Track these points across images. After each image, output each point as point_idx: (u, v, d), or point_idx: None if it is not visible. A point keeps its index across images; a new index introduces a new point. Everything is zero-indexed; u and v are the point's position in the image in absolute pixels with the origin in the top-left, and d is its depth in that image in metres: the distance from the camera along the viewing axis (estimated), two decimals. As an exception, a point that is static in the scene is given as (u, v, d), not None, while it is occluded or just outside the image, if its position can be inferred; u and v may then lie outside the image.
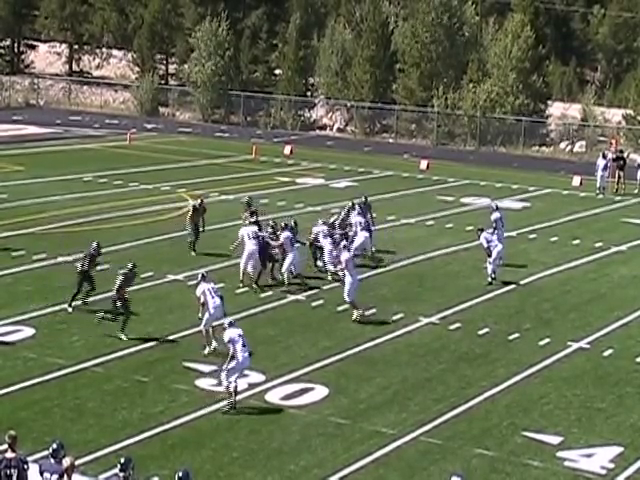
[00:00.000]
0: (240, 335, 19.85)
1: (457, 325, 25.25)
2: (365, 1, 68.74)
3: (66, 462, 14.03)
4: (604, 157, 45.28)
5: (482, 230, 29.47)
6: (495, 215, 31.55)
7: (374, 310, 25.87)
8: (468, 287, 28.49)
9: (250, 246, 27.68)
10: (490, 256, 28.85)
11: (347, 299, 25.42)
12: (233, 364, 19.68)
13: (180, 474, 13.95)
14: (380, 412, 19.82)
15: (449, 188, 44.97)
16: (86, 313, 24.80)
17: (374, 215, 32.78)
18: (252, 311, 25.52)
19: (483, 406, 20.40)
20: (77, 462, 16.06)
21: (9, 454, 14.19)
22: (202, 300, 22.81)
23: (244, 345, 19.77)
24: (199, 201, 31.33)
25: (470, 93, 60.58)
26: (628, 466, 18.03)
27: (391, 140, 62.24)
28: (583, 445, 18.73)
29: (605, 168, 44.73)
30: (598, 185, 44.73)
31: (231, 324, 20.32)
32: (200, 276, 23.30)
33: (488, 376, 21.96)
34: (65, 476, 13.95)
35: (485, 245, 28.99)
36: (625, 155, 46.98)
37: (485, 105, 59.99)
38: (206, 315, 22.68)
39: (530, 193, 44.71)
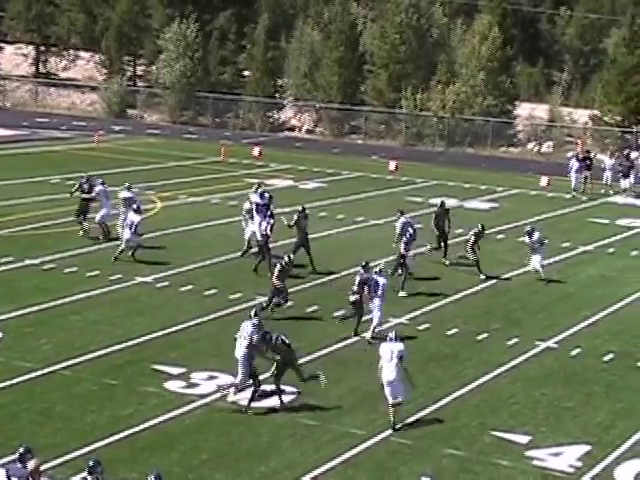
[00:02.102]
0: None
1: (426, 325, 25.32)
2: (333, 2, 68.82)
3: (30, 465, 13.95)
4: (577, 159, 45.52)
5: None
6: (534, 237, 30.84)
7: (344, 311, 25.86)
8: (437, 288, 28.57)
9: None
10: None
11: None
12: None
13: (152, 477, 13.92)
14: (350, 413, 19.85)
15: (418, 189, 45.09)
16: (54, 316, 24.69)
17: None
18: (220, 313, 25.47)
19: (452, 406, 20.48)
20: (45, 466, 16.03)
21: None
22: None
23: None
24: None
25: (439, 94, 60.78)
26: (596, 464, 18.17)
27: (360, 141, 62.33)
28: (551, 444, 18.84)
29: (579, 170, 44.96)
30: (573, 186, 44.93)
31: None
32: None
33: (457, 376, 22.04)
34: (30, 479, 13.88)
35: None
36: (592, 155, 47.27)
37: (454, 106, 60.20)
38: None
39: (498, 193, 44.91)
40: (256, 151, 52.64)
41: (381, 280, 24.07)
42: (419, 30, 64.24)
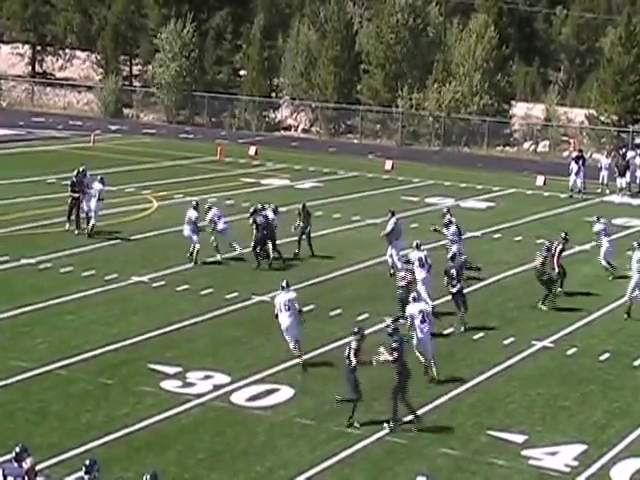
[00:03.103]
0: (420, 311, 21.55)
1: (422, 325, 25.26)
2: (329, 2, 68.80)
3: (26, 464, 13.94)
4: (577, 161, 45.49)
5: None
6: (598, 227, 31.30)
7: (339, 310, 25.89)
8: (432, 287, 28.51)
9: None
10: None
11: None
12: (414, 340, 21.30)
13: (148, 476, 13.90)
14: (346, 413, 19.79)
15: (414, 188, 45.10)
16: (50, 316, 24.68)
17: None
18: (217, 312, 25.46)
19: (448, 405, 20.48)
20: (41, 465, 16.04)
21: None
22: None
23: (423, 320, 21.50)
24: None
25: (435, 93, 60.78)
26: (591, 464, 18.16)
27: (356, 141, 62.32)
28: (547, 443, 18.84)
29: (578, 172, 44.96)
30: (570, 186, 44.97)
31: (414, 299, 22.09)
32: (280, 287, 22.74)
33: (453, 375, 22.03)
34: (26, 478, 13.86)
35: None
36: (585, 155, 47.31)
37: (450, 105, 60.21)
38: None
39: (494, 193, 44.93)
40: (252, 150, 52.63)
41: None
42: (415, 29, 64.24)
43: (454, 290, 25.03)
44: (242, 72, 69.69)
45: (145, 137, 57.70)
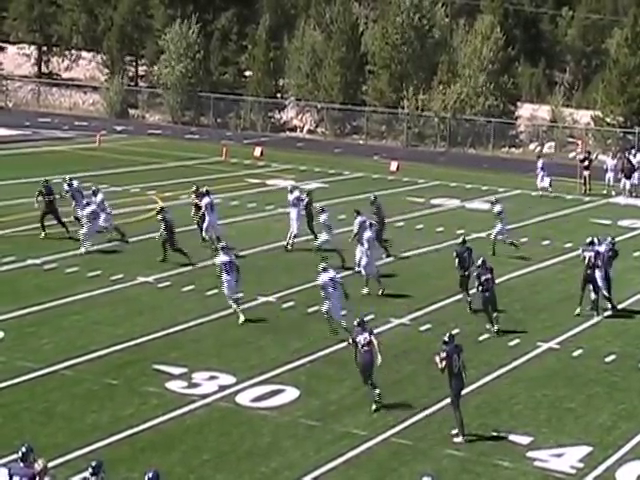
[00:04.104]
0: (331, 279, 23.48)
1: (428, 326, 25.30)
2: (335, 3, 68.80)
3: (39, 465, 13.94)
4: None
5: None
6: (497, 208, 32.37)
7: (344, 312, 25.84)
8: (438, 288, 28.53)
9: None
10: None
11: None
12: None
13: (150, 475, 13.91)
14: (351, 413, 19.83)
15: (419, 189, 45.08)
16: (55, 316, 24.71)
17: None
18: (223, 313, 25.43)
19: (453, 407, 20.42)
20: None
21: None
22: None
23: (334, 288, 23.44)
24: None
25: (440, 94, 60.76)
26: (597, 465, 18.13)
27: (361, 141, 62.32)
28: (553, 445, 18.81)
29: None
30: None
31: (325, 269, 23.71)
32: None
33: (458, 377, 21.98)
34: (37, 479, 13.87)
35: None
36: (593, 157, 47.28)
37: (455, 106, 60.19)
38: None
39: (500, 194, 44.87)
40: (257, 151, 52.64)
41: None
42: (420, 30, 64.23)
43: (487, 294, 24.96)
44: (247, 73, 69.74)
45: (150, 138, 57.73)
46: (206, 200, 32.08)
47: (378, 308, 26.34)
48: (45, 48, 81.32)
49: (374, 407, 19.91)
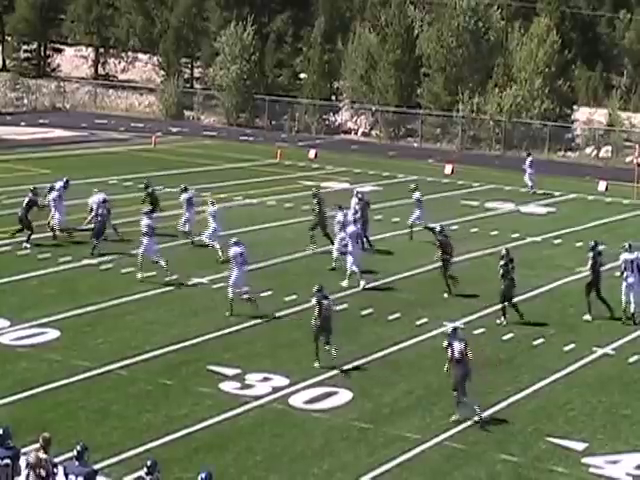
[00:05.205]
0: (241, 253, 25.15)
1: (481, 330, 25.18)
2: (390, 5, 68.72)
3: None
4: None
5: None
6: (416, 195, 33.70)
7: (398, 315, 25.83)
8: (492, 292, 28.28)
9: None
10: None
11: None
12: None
13: (203, 475, 13.98)
14: (404, 417, 19.79)
15: (474, 193, 44.87)
16: (111, 316, 24.93)
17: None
18: (276, 315, 25.51)
19: (507, 411, 20.32)
20: (102, 464, 16.19)
21: (42, 454, 14.26)
22: None
23: (243, 263, 25.17)
24: None
25: (495, 97, 60.45)
26: (654, 473, 17.94)
27: (416, 144, 62.16)
28: (608, 451, 18.62)
29: None
30: None
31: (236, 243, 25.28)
32: None
33: (512, 381, 21.89)
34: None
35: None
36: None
37: (510, 110, 59.83)
38: None
39: (555, 198, 44.55)
40: (312, 153, 52.71)
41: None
42: (476, 33, 63.94)
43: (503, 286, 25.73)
44: (302, 75, 69.86)
45: (205, 139, 58.04)
46: (185, 196, 32.77)
47: (432, 312, 26.26)
48: (102, 50, 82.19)
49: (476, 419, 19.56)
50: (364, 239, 31.63)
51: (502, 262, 25.94)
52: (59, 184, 33.40)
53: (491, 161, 55.41)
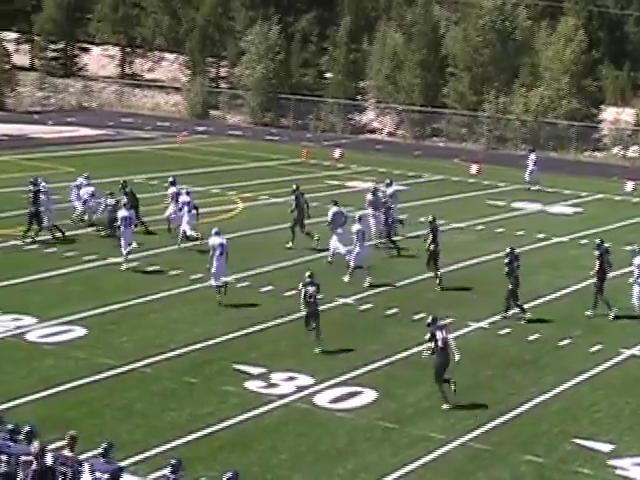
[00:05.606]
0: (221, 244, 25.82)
1: (507, 330, 25.07)
2: (416, 5, 68.56)
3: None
4: None
5: None
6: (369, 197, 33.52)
7: (423, 314, 25.74)
8: (518, 292, 28.20)
9: None
10: None
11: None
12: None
13: (229, 475, 13.97)
14: (428, 417, 19.73)
15: (500, 193, 44.70)
16: (135, 314, 24.98)
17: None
18: (300, 314, 25.45)
19: (532, 412, 20.23)
20: (126, 462, 16.21)
21: (67, 453, 14.30)
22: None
23: (222, 253, 25.81)
24: None
25: (522, 97, 60.19)
26: (681, 475, 17.78)
27: (441, 144, 61.99)
28: (635, 453, 18.49)
29: None
30: None
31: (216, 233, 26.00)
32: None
33: (537, 382, 21.78)
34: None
35: None
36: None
37: (537, 109, 59.56)
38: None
39: (582, 198, 44.33)
40: (337, 153, 52.66)
41: None
42: (502, 33, 63.67)
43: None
44: (328, 75, 69.79)
45: (231, 138, 58.11)
46: (172, 190, 32.98)
47: (456, 312, 26.15)
48: (128, 49, 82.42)
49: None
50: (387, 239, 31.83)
51: (507, 260, 26.04)
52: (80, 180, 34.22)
53: (517, 161, 55.09)
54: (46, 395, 19.81)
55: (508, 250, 26.35)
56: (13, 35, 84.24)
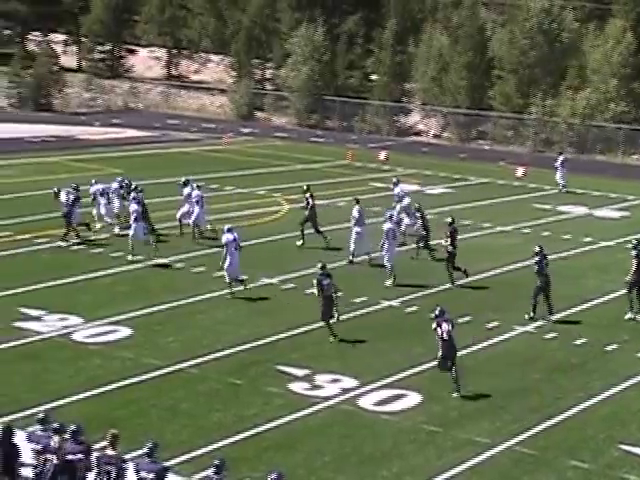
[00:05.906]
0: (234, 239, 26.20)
1: (553, 334, 24.92)
2: (462, 7, 68.36)
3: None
4: None
5: None
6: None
7: (468, 318, 25.66)
8: (564, 296, 28.02)
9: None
10: None
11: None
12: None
13: (273, 476, 13.99)
14: (473, 420, 19.65)
15: (546, 196, 44.44)
16: (182, 315, 25.12)
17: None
18: (346, 316, 25.45)
19: (579, 417, 20.08)
20: (172, 462, 16.30)
21: (110, 452, 14.41)
22: None
23: (236, 248, 26.19)
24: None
25: (568, 100, 59.79)
26: None
27: (487, 147, 61.73)
28: (684, 461, 18.31)
29: None
30: None
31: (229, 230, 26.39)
32: None
33: (584, 387, 21.62)
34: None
35: None
36: None
37: (584, 112, 59.13)
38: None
39: (629, 202, 43.94)
40: (382, 155, 52.61)
41: None
42: (549, 35, 63.28)
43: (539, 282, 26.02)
44: (373, 77, 69.76)
45: (276, 140, 58.26)
46: (187, 190, 33.39)
47: (502, 316, 26.05)
48: (175, 51, 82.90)
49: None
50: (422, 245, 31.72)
51: (537, 259, 26.04)
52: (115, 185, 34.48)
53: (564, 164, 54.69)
54: (93, 395, 19.97)
55: (537, 249, 26.31)
56: (61, 37, 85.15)
